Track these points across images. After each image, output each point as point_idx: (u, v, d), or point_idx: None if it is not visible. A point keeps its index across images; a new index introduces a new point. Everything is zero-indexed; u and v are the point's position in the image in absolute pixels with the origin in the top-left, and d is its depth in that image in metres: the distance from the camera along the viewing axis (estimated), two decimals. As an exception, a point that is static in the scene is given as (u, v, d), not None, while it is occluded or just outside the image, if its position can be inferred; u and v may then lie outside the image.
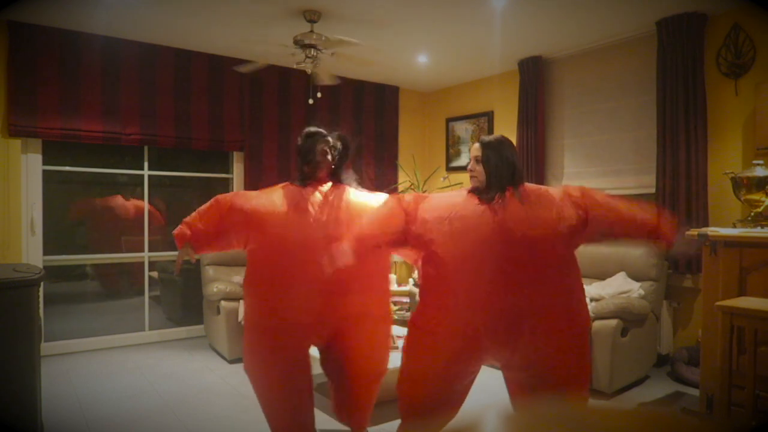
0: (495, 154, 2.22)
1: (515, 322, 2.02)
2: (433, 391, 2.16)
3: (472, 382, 2.24)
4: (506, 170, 2.21)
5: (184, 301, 5.25)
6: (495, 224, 2.06)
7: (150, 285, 4.96)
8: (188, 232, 2.43)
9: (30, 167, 4.29)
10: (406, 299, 5.09)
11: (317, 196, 2.43)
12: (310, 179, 2.49)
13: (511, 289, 2.02)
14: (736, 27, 3.77)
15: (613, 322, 3.41)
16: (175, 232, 2.43)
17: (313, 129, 2.58)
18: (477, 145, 2.27)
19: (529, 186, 2.24)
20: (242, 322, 3.00)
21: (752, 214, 3.31)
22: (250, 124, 5.13)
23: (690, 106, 3.89)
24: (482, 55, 4.94)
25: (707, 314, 3.06)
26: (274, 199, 2.43)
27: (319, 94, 4.72)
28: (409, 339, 2.24)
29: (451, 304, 2.09)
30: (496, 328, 2.03)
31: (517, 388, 2.23)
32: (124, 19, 4.06)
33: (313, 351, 2.63)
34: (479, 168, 2.22)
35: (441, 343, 2.11)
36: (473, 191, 2.22)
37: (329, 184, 2.51)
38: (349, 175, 2.63)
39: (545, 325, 2.03)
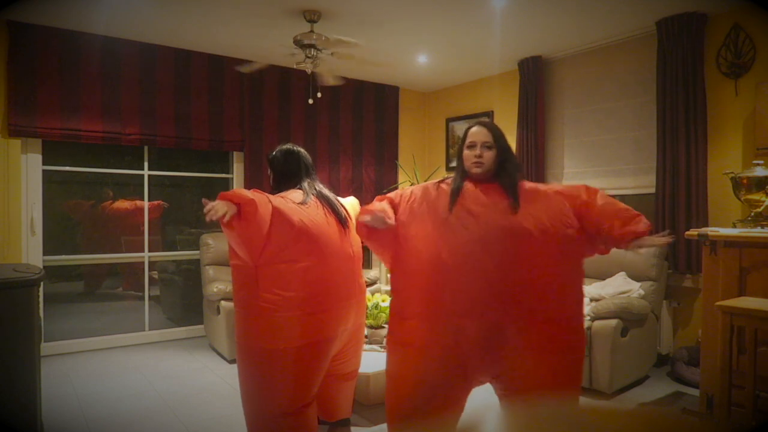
0: (504, 140, 2.09)
1: (503, 334, 1.86)
2: (420, 404, 1.98)
3: (464, 395, 2.06)
4: (514, 159, 2.11)
5: (184, 301, 5.25)
6: (503, 220, 1.89)
7: (150, 285, 4.96)
8: None
9: (30, 167, 4.29)
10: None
11: None
12: None
13: (505, 297, 1.85)
14: (736, 27, 3.77)
15: (613, 322, 3.41)
16: None
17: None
18: (482, 128, 2.08)
19: (529, 183, 2.10)
20: None
21: (752, 214, 3.30)
22: (250, 124, 5.13)
23: (690, 106, 3.89)
24: (482, 55, 4.94)
25: (707, 314, 3.06)
26: None
27: (319, 94, 4.72)
28: (390, 359, 2.11)
29: (433, 314, 1.92)
30: (484, 341, 1.86)
31: (505, 398, 2.05)
32: (124, 19, 4.06)
33: None
34: (489, 154, 2.05)
35: (422, 354, 1.95)
36: (474, 179, 2.05)
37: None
38: (293, 188, 2.58)
39: (537, 340, 1.86)
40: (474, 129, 2.11)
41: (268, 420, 2.40)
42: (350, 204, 2.72)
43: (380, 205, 2.13)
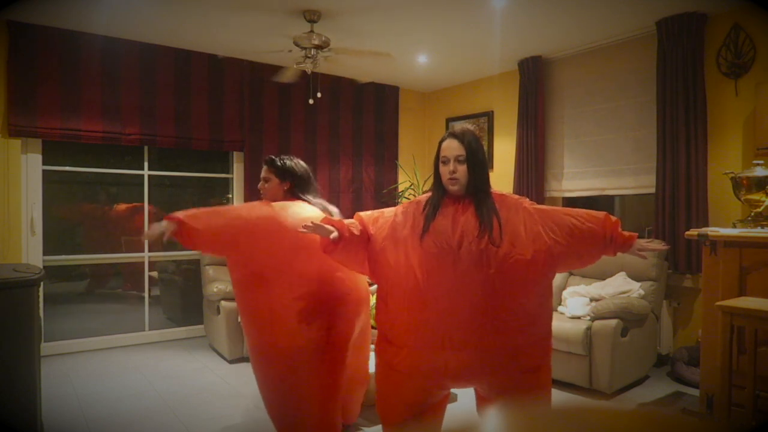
0: (477, 153, 1.94)
1: (487, 359, 1.84)
2: (407, 416, 2.02)
3: (446, 400, 2.14)
4: (486, 173, 1.97)
5: (184, 301, 5.25)
6: (480, 242, 1.81)
7: (150, 285, 4.96)
8: None
9: (30, 167, 4.29)
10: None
11: None
12: None
13: (488, 325, 1.81)
14: (736, 27, 3.77)
15: (613, 322, 3.41)
16: None
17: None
18: (454, 141, 1.93)
19: (496, 193, 1.98)
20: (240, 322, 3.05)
21: (752, 214, 3.30)
22: (250, 124, 5.13)
23: (690, 106, 3.89)
24: (482, 55, 4.94)
25: (707, 314, 3.06)
26: None
27: (319, 94, 4.72)
28: (377, 370, 2.10)
29: (416, 345, 1.88)
30: (463, 369, 1.85)
31: (488, 402, 2.11)
32: (124, 19, 4.06)
33: None
34: (463, 168, 1.91)
35: (407, 380, 1.96)
36: (453, 197, 1.95)
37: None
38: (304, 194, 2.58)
39: (519, 361, 1.88)
40: (445, 142, 1.96)
41: (298, 424, 2.41)
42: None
43: (347, 221, 2.09)
